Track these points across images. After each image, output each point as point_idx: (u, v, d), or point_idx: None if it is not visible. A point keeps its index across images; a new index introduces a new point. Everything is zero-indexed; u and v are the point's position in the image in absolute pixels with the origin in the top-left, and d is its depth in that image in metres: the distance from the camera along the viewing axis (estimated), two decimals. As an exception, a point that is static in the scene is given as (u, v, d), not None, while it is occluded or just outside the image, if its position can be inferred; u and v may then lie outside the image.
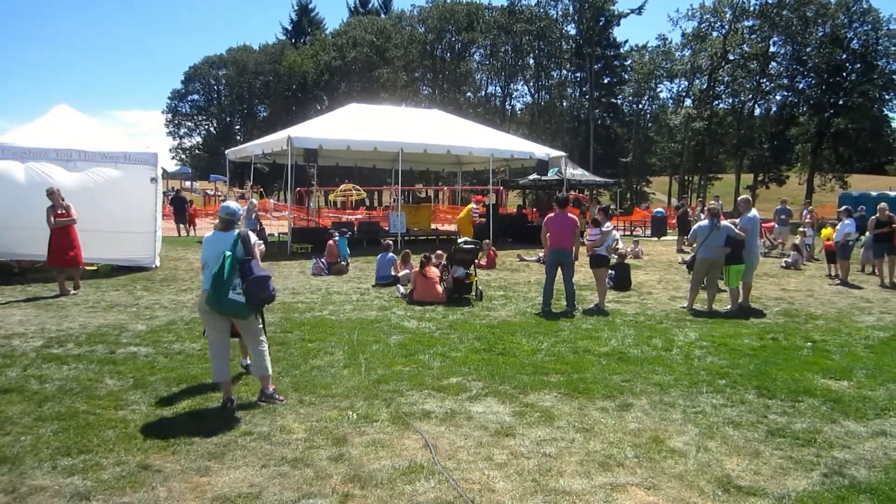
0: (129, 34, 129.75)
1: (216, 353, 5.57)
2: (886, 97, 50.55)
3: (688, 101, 57.25)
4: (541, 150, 23.41)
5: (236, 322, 5.64)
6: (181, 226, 26.25)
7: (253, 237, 5.62)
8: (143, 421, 5.17)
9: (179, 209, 26.58)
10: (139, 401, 5.64)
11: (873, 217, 13.93)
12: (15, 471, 4.29)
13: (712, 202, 12.72)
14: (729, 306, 10.30)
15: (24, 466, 4.34)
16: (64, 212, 11.33)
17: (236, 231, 5.54)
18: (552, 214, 10.46)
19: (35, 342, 7.73)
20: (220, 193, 43.10)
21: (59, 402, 5.57)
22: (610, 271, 11.62)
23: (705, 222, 10.39)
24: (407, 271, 12.11)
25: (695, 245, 10.73)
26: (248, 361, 6.11)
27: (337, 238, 15.07)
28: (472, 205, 20.70)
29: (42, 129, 14.05)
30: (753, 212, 10.94)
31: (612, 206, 29.75)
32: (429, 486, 4.13)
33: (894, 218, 13.62)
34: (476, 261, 11.87)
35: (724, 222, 10.19)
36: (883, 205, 14.03)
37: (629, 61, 62.86)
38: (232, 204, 5.81)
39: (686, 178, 59.51)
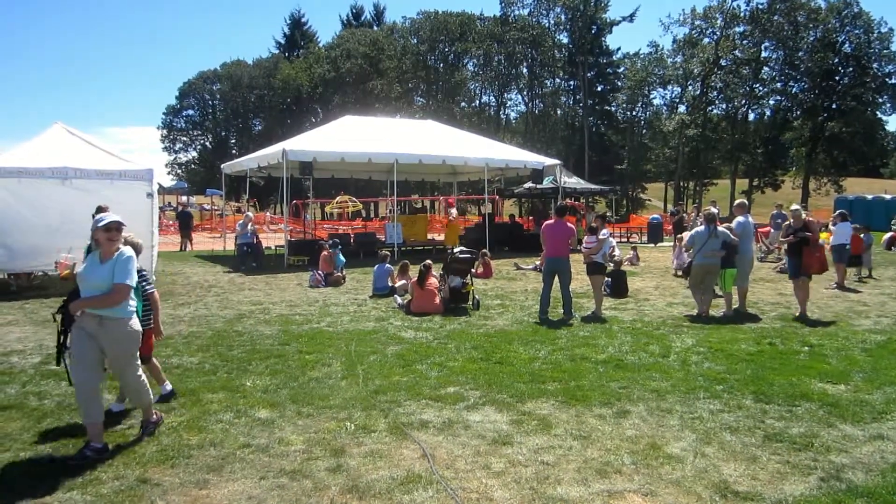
0: (122, 52, 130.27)
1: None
2: (880, 100, 50.83)
3: (681, 108, 57.64)
4: (535, 159, 23.51)
5: None
6: (184, 241, 26.26)
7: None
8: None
9: (185, 224, 26.67)
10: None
11: (786, 223, 11.27)
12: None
13: (710, 207, 12.75)
14: (723, 311, 10.33)
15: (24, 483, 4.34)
16: None
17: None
18: (550, 222, 10.50)
19: (33, 359, 7.73)
20: (216, 208, 43.04)
21: (57, 418, 5.58)
22: (606, 278, 11.64)
23: (702, 228, 10.42)
24: (404, 282, 12.12)
25: (692, 251, 10.76)
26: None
27: (332, 249, 15.10)
28: (452, 210, 20.76)
29: (38, 148, 14.13)
30: (746, 216, 10.96)
31: (608, 213, 29.76)
32: (427, 496, 4.14)
33: (812, 225, 10.75)
34: (473, 270, 11.89)
35: (720, 228, 10.23)
36: (795, 207, 11.12)
37: (622, 69, 63.36)
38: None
39: (681, 184, 59.74)
